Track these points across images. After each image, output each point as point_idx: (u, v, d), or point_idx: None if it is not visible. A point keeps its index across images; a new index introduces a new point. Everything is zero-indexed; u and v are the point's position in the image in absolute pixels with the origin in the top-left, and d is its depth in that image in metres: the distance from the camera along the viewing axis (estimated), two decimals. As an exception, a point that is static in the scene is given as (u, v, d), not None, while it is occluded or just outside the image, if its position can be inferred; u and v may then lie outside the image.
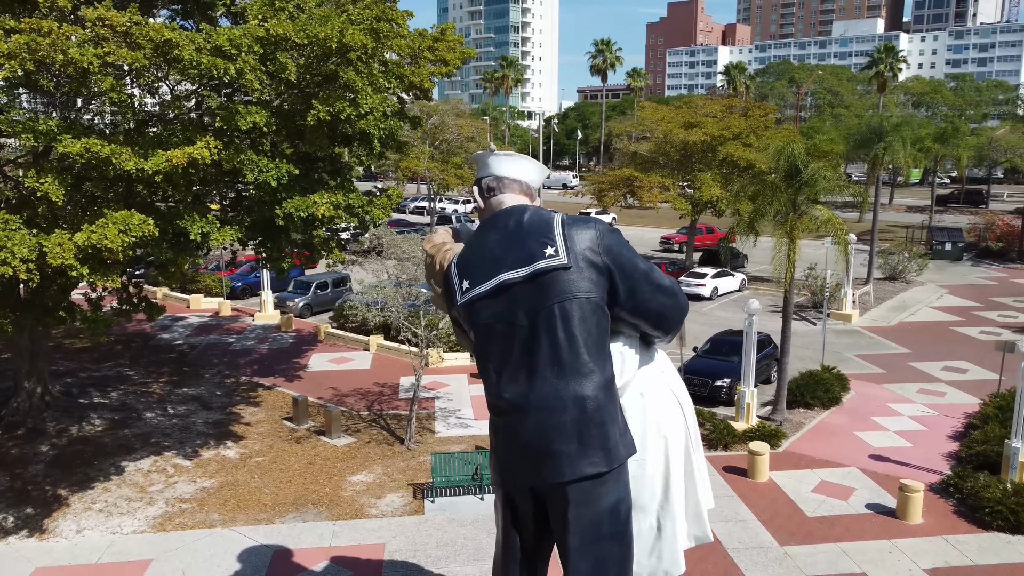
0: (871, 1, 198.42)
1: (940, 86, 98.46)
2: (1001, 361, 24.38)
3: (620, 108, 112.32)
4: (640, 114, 47.75)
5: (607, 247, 3.86)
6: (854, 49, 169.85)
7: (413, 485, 19.55)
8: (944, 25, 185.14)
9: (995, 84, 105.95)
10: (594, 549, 3.86)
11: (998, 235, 54.38)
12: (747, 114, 45.08)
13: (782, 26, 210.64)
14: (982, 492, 17.73)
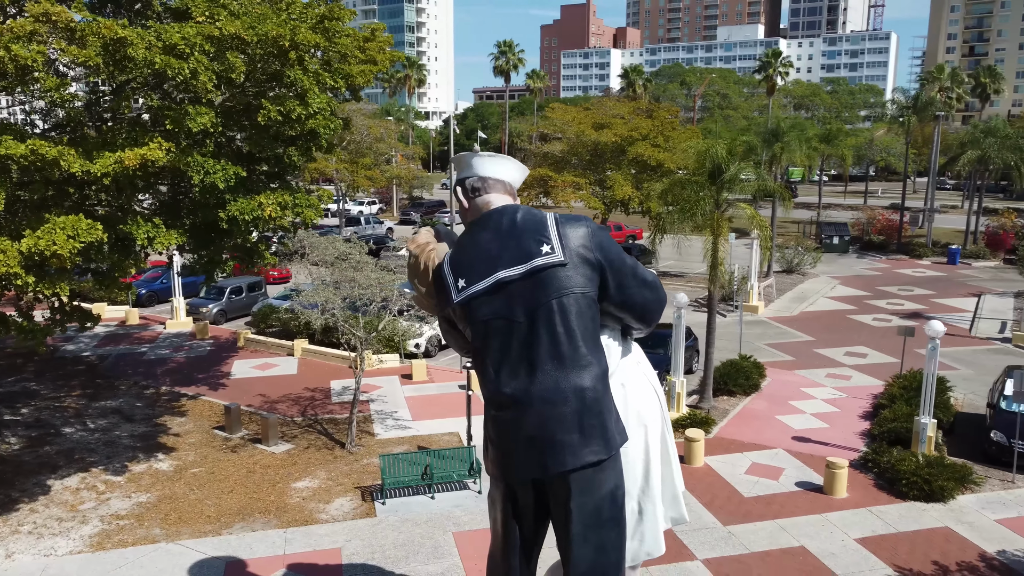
0: (751, 8, 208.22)
1: (818, 89, 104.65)
2: (903, 345, 26.38)
3: (519, 109, 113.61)
4: (551, 115, 48.67)
5: (599, 244, 4.01)
6: (738, 53, 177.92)
7: (361, 488, 19.42)
8: (818, 32, 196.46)
9: (867, 88, 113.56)
10: (595, 534, 3.98)
11: (879, 229, 58.34)
12: (652, 116, 46.66)
13: (669, 30, 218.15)
14: (898, 465, 19.22)
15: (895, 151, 73.22)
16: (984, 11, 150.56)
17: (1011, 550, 16.60)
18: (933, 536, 17.16)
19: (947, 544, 16.84)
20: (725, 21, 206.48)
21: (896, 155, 74.96)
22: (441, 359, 30.57)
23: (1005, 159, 50.23)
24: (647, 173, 42.72)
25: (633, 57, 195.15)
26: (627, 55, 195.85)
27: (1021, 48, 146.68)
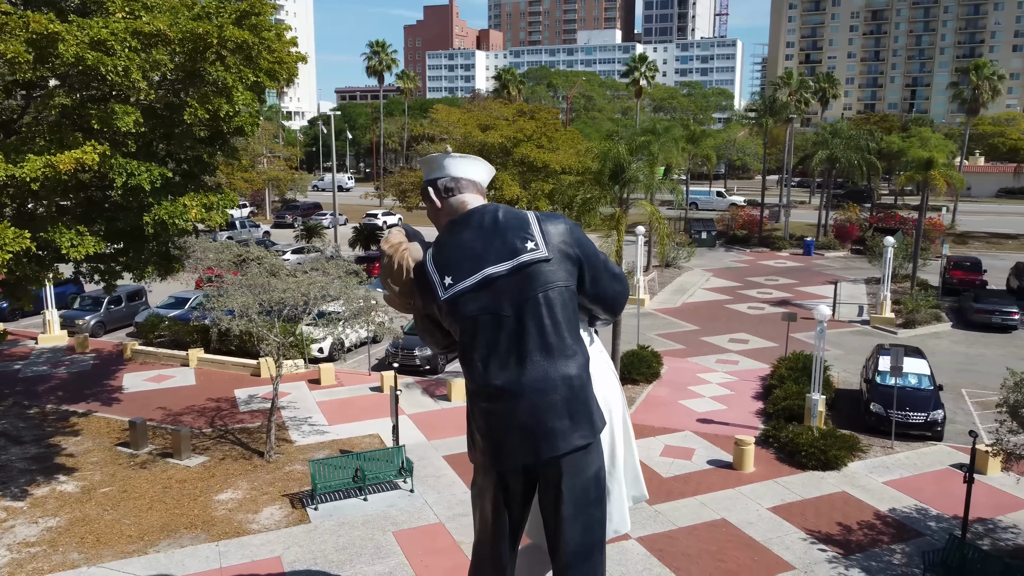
0: (607, 14, 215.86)
1: (675, 92, 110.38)
2: (786, 330, 28.59)
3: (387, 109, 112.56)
4: (435, 116, 48.82)
5: (577, 240, 4.27)
6: (598, 57, 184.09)
7: (288, 495, 19.08)
8: (669, 37, 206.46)
9: (719, 92, 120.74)
10: (583, 513, 4.25)
11: (741, 224, 62.36)
12: (534, 117, 47.77)
13: (531, 33, 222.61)
14: (796, 439, 20.97)
15: (750, 151, 78.31)
16: (817, 22, 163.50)
17: (900, 507, 18.57)
18: (833, 500, 18.90)
19: (846, 507, 18.61)
20: (583, 26, 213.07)
21: (751, 155, 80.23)
22: (348, 362, 30.22)
23: (849, 158, 54.99)
24: (532, 173, 43.73)
25: (498, 59, 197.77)
26: (491, 57, 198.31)
27: (849, 56, 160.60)
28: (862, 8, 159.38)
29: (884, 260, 36.29)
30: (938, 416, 22.37)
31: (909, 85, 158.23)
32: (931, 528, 17.67)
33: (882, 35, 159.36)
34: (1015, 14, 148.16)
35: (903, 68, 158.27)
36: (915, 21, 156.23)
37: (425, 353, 28.23)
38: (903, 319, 35.68)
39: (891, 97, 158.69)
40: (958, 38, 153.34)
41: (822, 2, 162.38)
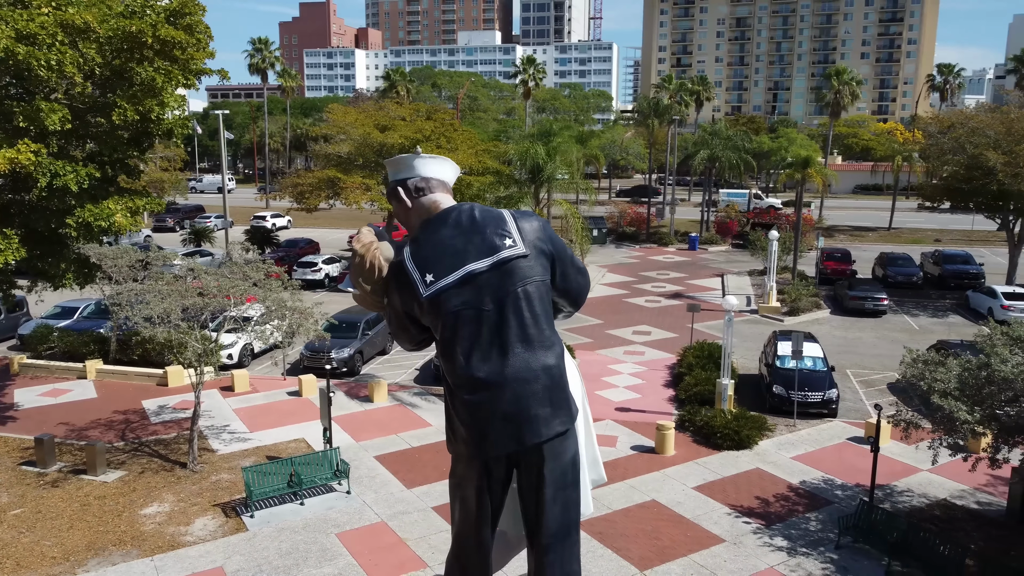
0: (486, 15, 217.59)
1: (557, 94, 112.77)
2: (691, 320, 30.11)
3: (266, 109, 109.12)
4: (331, 116, 48.04)
5: (549, 236, 4.45)
6: (479, 58, 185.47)
7: (220, 505, 18.60)
8: (547, 40, 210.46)
9: (599, 93, 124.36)
10: (562, 496, 4.45)
11: (629, 221, 64.71)
12: (431, 117, 47.96)
13: (410, 32, 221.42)
14: (711, 422, 22.29)
15: (633, 151, 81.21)
16: (687, 27, 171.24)
17: (808, 479, 20.14)
18: (750, 477, 20.26)
19: (762, 482, 20.01)
20: (463, 26, 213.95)
21: (633, 155, 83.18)
22: (255, 368, 29.46)
23: (728, 157, 58.18)
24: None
25: (378, 58, 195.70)
26: (372, 56, 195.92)
27: (717, 61, 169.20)
28: (727, 16, 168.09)
29: (769, 253, 38.78)
30: (833, 395, 24.32)
31: (771, 89, 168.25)
32: (838, 496, 19.28)
33: (746, 41, 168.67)
34: (862, 24, 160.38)
35: (765, 72, 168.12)
36: (775, 29, 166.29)
37: (342, 355, 27.97)
38: (788, 308, 38.25)
39: (756, 100, 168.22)
40: (813, 45, 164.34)
41: (691, 9, 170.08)
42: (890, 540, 16.20)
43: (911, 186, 77.07)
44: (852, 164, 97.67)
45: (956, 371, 16.11)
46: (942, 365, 16.50)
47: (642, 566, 16.09)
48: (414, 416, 24.34)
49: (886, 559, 16.03)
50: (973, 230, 65.30)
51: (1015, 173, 36.91)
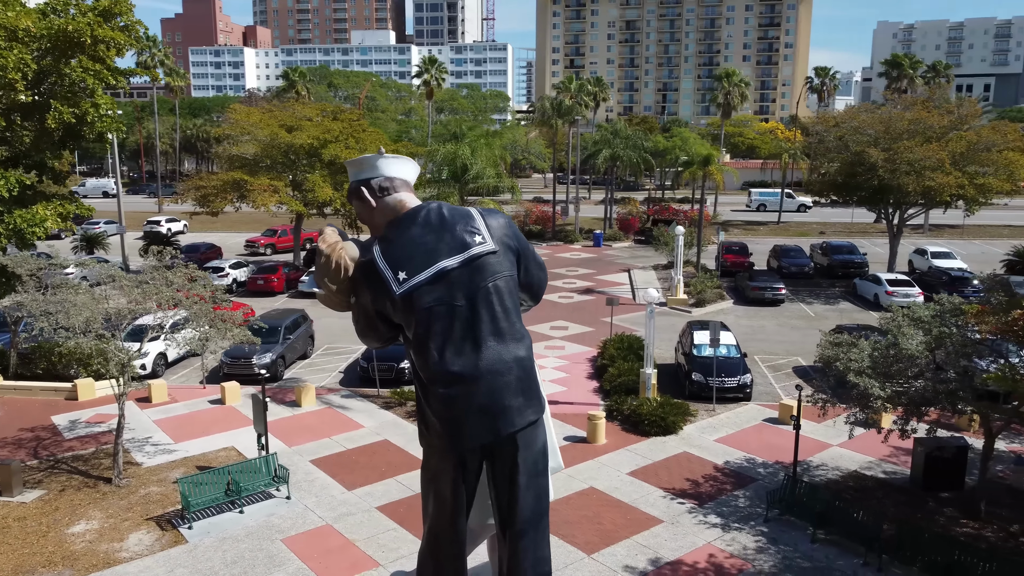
0: (378, 14, 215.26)
1: (455, 94, 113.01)
2: (610, 314, 31.06)
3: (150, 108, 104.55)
4: (234, 116, 46.59)
5: (514, 233, 4.67)
6: (374, 57, 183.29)
7: (153, 518, 18.01)
8: (441, 40, 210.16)
9: (497, 94, 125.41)
10: (534, 483, 4.67)
11: (535, 219, 65.69)
12: (338, 118, 47.33)
13: (300, 31, 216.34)
14: (639, 410, 23.19)
15: (534, 151, 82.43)
16: (579, 29, 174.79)
17: (732, 460, 21.29)
18: (679, 460, 21.24)
19: (690, 464, 21.01)
20: (355, 25, 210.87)
21: (535, 154, 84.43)
22: (170, 378, 28.42)
23: (629, 156, 60.02)
24: (344, 175, 43.37)
25: (268, 57, 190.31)
26: (262, 55, 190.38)
27: (608, 62, 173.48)
28: (617, 19, 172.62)
29: (676, 247, 40.41)
30: (747, 380, 25.74)
31: (661, 89, 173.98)
32: (760, 473, 20.49)
33: (636, 43, 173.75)
34: (743, 28, 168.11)
35: (655, 74, 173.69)
36: (663, 32, 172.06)
37: (264, 361, 27.38)
38: (694, 299, 39.96)
39: (646, 100, 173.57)
40: (699, 48, 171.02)
41: (582, 11, 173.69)
42: (814, 511, 17.42)
43: (795, 182, 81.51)
44: (740, 162, 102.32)
45: (868, 351, 17.47)
46: (855, 346, 17.85)
47: (588, 550, 16.67)
48: (345, 419, 24.15)
49: (811, 529, 17.23)
50: (853, 222, 69.81)
51: (893, 169, 39.86)
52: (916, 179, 39.22)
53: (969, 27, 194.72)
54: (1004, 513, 18.15)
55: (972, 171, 40.59)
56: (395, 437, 22.75)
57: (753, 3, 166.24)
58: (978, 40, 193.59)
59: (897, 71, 70.67)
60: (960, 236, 63.67)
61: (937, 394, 16.27)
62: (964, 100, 46.72)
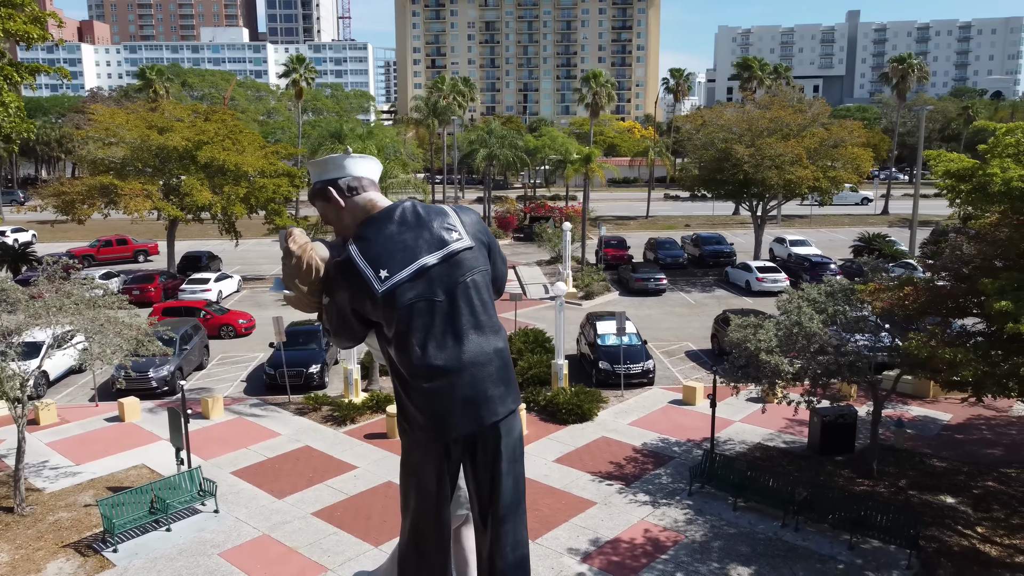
0: (228, 11, 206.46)
1: (319, 94, 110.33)
2: (514, 308, 31.67)
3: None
4: (97, 118, 43.58)
5: (484, 229, 4.78)
6: (227, 56, 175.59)
7: (70, 545, 16.94)
8: (296, 38, 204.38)
9: (361, 94, 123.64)
10: (514, 469, 4.79)
11: (414, 220, 65.61)
12: (210, 119, 45.47)
13: (142, 27, 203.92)
14: (555, 400, 23.97)
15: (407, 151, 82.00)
16: (439, 29, 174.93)
17: (648, 441, 22.46)
18: (599, 445, 22.17)
19: (609, 448, 21.99)
20: (203, 22, 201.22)
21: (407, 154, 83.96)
22: (53, 397, 26.50)
23: (505, 155, 61.10)
24: (222, 177, 41.76)
25: (109, 54, 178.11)
26: (102, 51, 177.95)
27: (470, 63, 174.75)
28: (477, 19, 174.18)
29: (564, 243, 41.66)
30: (650, 365, 27.14)
31: (522, 90, 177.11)
32: (676, 452, 21.76)
33: (496, 44, 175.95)
34: (597, 31, 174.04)
35: (515, 75, 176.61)
36: (522, 33, 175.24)
37: (161, 374, 26.10)
38: (583, 292, 41.38)
39: (508, 100, 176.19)
40: (556, 49, 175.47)
41: (442, 11, 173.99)
42: (732, 481, 18.78)
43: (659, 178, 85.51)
44: (609, 159, 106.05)
45: (773, 331, 18.99)
46: (761, 327, 19.33)
47: (533, 536, 17.19)
48: (260, 428, 23.49)
49: (731, 498, 18.56)
50: (714, 215, 74.22)
51: (757, 164, 42.95)
52: (778, 173, 42.47)
53: (799, 32, 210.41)
54: (891, 470, 20.24)
55: (824, 165, 44.41)
56: (315, 442, 22.39)
57: (606, 6, 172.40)
58: (807, 44, 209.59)
59: (748, 72, 75.81)
60: (808, 225, 69.08)
61: (840, 367, 17.96)
62: (815, 100, 50.88)
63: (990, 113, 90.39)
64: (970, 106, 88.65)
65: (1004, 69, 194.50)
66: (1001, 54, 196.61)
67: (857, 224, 68.95)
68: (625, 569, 16.00)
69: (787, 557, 16.41)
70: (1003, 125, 15.00)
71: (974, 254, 17.22)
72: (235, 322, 34.40)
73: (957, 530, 17.37)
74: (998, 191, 12.96)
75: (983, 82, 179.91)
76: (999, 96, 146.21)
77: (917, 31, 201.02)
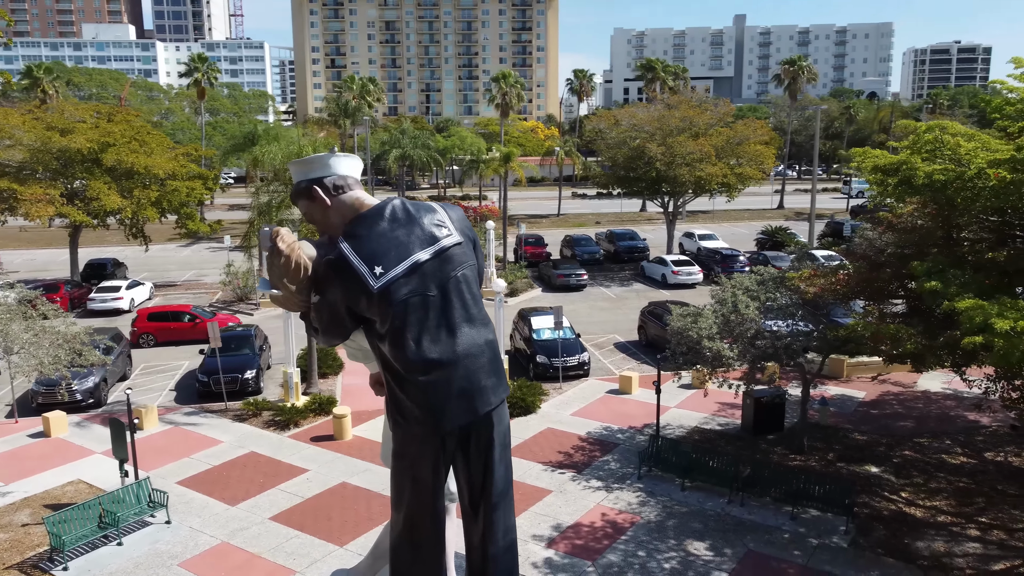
0: (111, 7, 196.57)
1: (216, 94, 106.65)
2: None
3: None
4: (-11, 119, 40.86)
5: (469, 225, 5.07)
6: (112, 54, 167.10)
7: (15, 567, 16.17)
8: (185, 36, 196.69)
9: (260, 94, 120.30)
10: (505, 456, 4.91)
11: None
12: (112, 120, 43.59)
13: (16, 22, 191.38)
14: (498, 394, 24.34)
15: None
16: (338, 28, 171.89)
17: (592, 430, 23.18)
18: (546, 436, 22.73)
19: (556, 438, 22.58)
20: (84, 18, 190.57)
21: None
22: (-35, 416, 24.99)
23: (419, 155, 61.05)
24: (129, 180, 40.09)
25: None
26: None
27: (371, 63, 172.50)
28: (376, 19, 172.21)
29: (488, 241, 42.04)
30: (585, 357, 27.93)
31: (424, 90, 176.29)
32: (620, 439, 22.57)
33: (396, 44, 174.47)
34: (498, 31, 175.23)
35: (417, 75, 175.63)
36: (423, 33, 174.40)
37: (86, 386, 24.98)
38: (508, 290, 41.86)
39: (411, 101, 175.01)
40: (458, 50, 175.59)
41: (340, 10, 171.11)
42: (679, 464, 19.69)
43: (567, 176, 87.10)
44: (525, 158, 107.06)
45: (712, 319, 20.01)
46: (701, 315, 20.34)
47: (496, 526, 17.53)
48: (199, 436, 22.87)
49: (678, 479, 19.47)
50: (622, 212, 76.32)
51: (669, 162, 44.64)
52: (689, 170, 44.27)
53: (690, 35, 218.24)
54: (820, 446, 21.67)
55: (730, 162, 46.58)
56: (261, 448, 22.01)
57: (506, 7, 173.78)
58: (698, 47, 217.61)
59: (651, 73, 78.37)
60: (711, 220, 72.04)
61: (777, 351, 19.13)
62: (720, 100, 53.19)
63: (871, 113, 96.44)
64: (852, 106, 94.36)
65: (877, 71, 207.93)
66: (874, 57, 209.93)
67: (756, 219, 72.41)
68: (589, 551, 16.59)
69: (737, 530, 17.39)
70: (923, 124, 16.43)
71: (888, 242, 18.73)
72: (224, 324, 33.72)
73: (884, 496, 18.83)
74: (922, 184, 14.24)
75: (859, 83, 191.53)
76: (874, 96, 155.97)
77: (799, 35, 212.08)
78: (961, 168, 14.26)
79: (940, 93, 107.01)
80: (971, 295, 12.42)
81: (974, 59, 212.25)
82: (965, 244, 16.00)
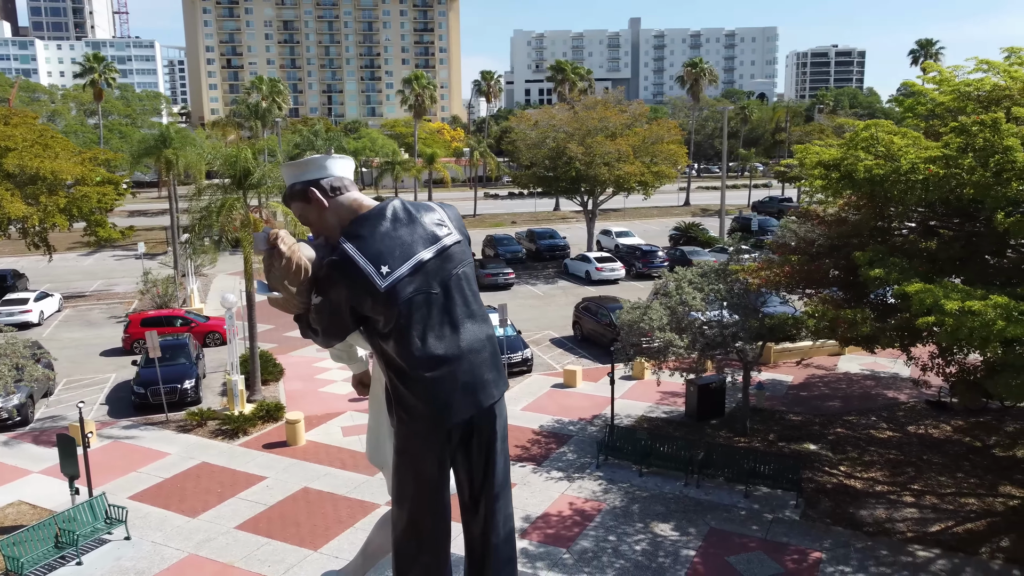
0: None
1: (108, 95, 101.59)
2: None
3: None
4: None
5: (463, 225, 5.17)
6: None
7: (-33, 594, 15.33)
8: (65, 34, 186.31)
9: (153, 95, 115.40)
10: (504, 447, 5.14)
11: (238, 227, 62.86)
12: (8, 122, 41.16)
13: None
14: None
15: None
16: (233, 28, 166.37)
17: (545, 424, 23.71)
18: (500, 431, 23.05)
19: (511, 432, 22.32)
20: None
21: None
22: None
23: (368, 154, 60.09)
24: (33, 186, 37.93)
25: None
26: None
27: (269, 63, 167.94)
28: (274, 18, 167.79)
29: (415, 242, 42.07)
30: (528, 354, 28.48)
31: (325, 91, 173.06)
32: (572, 431, 23.19)
33: (296, 44, 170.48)
34: (400, 32, 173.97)
35: (318, 75, 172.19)
36: (322, 33, 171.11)
37: (12, 403, 23.67)
38: (437, 290, 42.03)
39: (312, 102, 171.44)
40: (359, 50, 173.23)
41: (235, 9, 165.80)
42: (635, 451, 20.48)
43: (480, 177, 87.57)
44: (451, 159, 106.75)
45: (661, 311, 20.89)
46: (650, 308, 21.19)
47: (467, 521, 17.80)
48: (143, 449, 22.10)
49: (635, 465, 20.26)
50: (536, 211, 77.43)
51: (589, 161, 45.78)
52: (609, 170, 45.54)
53: (588, 37, 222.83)
54: (760, 427, 22.92)
55: (646, 161, 48.15)
56: (212, 458, 21.49)
57: (407, 8, 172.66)
58: (596, 49, 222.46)
59: (561, 75, 79.84)
60: (623, 218, 74.04)
61: (725, 339, 20.17)
62: (633, 101, 54.82)
63: (766, 113, 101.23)
64: (746, 106, 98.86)
65: (764, 73, 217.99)
66: (761, 59, 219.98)
67: (664, 216, 74.98)
68: (562, 539, 17.10)
69: (697, 510, 18.29)
70: (860, 122, 17.74)
71: (819, 235, 20.08)
72: (221, 329, 32.61)
73: (825, 471, 20.17)
74: (863, 178, 15.43)
75: (748, 85, 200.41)
76: (763, 97, 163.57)
77: (691, 38, 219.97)
78: (895, 163, 15.53)
79: (825, 95, 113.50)
80: (916, 280, 13.61)
81: (850, 62, 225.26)
82: (898, 235, 17.39)
